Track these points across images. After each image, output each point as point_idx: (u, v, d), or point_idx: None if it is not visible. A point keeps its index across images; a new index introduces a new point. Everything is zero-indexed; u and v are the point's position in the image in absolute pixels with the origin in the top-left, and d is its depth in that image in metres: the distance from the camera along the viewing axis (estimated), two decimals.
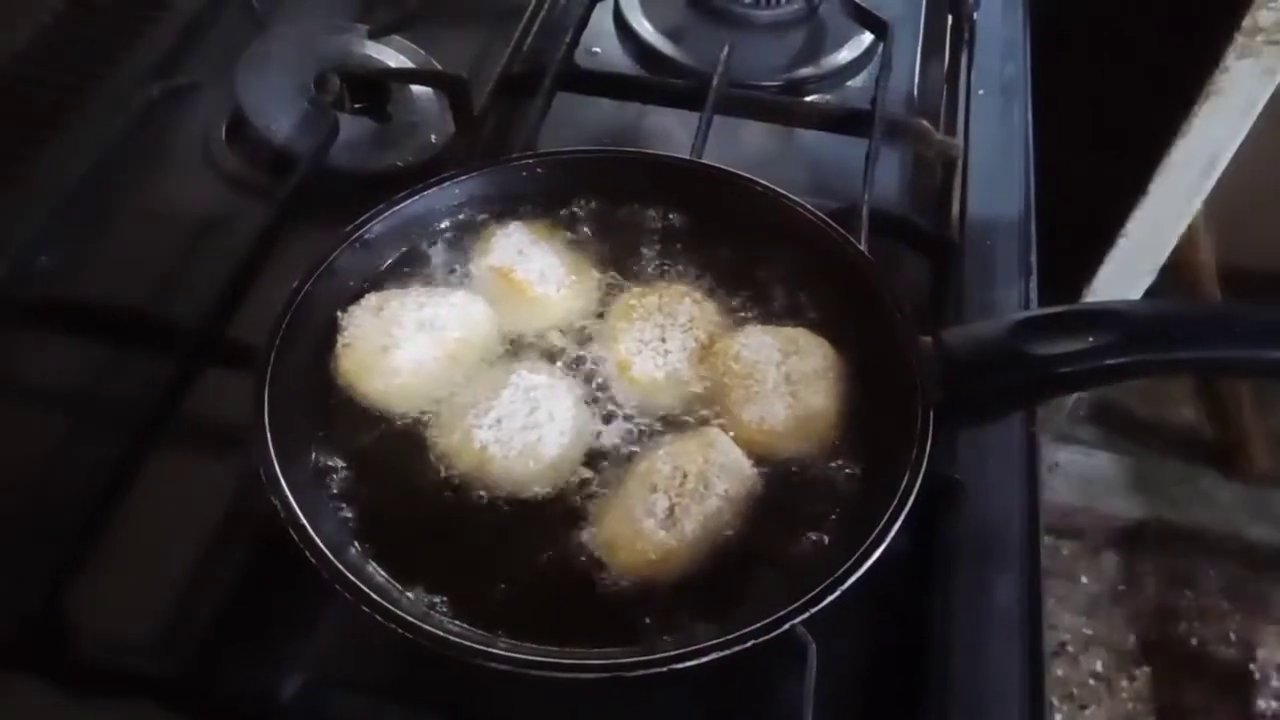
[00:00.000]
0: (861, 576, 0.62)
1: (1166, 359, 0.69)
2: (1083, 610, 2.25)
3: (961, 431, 0.81)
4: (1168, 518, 2.30)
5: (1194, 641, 2.20)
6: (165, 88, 1.11)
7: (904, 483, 0.66)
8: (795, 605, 0.61)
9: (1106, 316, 0.70)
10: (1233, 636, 2.21)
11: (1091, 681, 2.16)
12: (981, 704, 0.71)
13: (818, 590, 0.62)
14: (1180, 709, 2.13)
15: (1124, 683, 2.16)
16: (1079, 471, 2.34)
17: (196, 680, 0.69)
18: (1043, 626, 0.74)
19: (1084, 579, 2.29)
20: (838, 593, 0.62)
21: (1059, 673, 2.16)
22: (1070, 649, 2.19)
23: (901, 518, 0.65)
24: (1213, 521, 2.28)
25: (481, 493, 0.71)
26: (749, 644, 0.60)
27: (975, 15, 1.23)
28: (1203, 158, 1.62)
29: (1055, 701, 2.12)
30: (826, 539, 0.69)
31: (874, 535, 0.64)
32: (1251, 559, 2.25)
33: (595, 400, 0.76)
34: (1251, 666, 2.16)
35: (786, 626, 0.61)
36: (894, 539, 0.64)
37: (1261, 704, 2.13)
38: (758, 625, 0.61)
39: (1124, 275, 1.82)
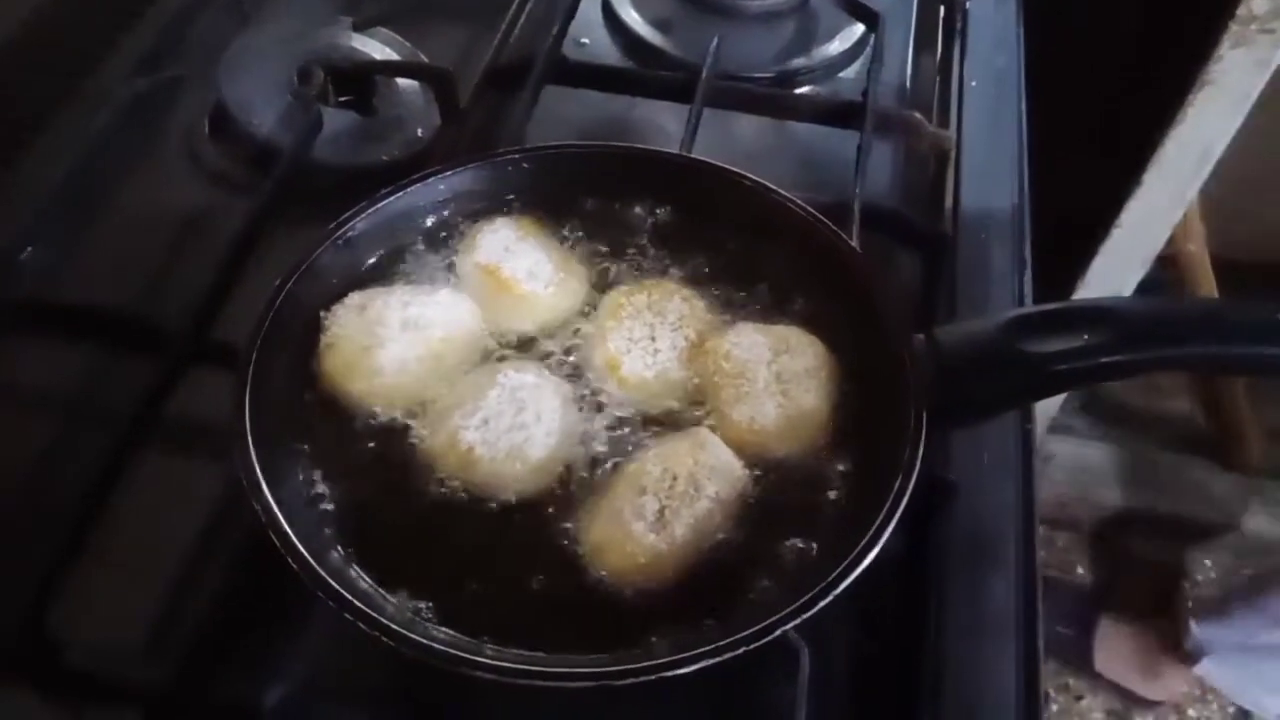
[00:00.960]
0: (854, 580, 0.61)
1: (1160, 356, 0.68)
2: None
3: (955, 431, 0.80)
4: (1162, 509, 2.30)
5: None
6: (149, 81, 1.10)
7: (897, 484, 0.65)
8: (787, 610, 0.60)
9: (1100, 314, 0.69)
10: None
11: None
12: (976, 707, 0.70)
13: (810, 595, 0.60)
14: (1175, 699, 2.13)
15: None
16: (1074, 462, 2.33)
17: (183, 688, 0.68)
18: (1038, 628, 0.73)
19: (1079, 570, 2.29)
20: (830, 597, 0.60)
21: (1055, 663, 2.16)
22: None
23: (895, 520, 0.63)
24: (1208, 512, 2.28)
25: (467, 495, 0.70)
26: (740, 650, 0.59)
27: (967, 5, 1.22)
28: (1197, 148, 1.61)
29: (1051, 692, 2.12)
30: (818, 542, 0.68)
31: (867, 538, 0.63)
32: (1248, 549, 2.25)
33: (583, 400, 0.75)
34: None
35: (779, 632, 0.60)
36: (887, 541, 0.63)
37: None
38: (749, 631, 0.59)
39: (1118, 266, 1.81)
